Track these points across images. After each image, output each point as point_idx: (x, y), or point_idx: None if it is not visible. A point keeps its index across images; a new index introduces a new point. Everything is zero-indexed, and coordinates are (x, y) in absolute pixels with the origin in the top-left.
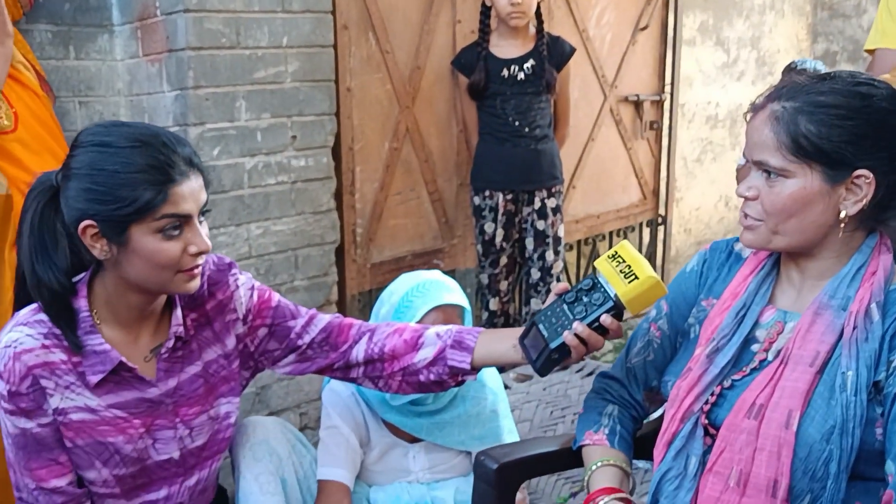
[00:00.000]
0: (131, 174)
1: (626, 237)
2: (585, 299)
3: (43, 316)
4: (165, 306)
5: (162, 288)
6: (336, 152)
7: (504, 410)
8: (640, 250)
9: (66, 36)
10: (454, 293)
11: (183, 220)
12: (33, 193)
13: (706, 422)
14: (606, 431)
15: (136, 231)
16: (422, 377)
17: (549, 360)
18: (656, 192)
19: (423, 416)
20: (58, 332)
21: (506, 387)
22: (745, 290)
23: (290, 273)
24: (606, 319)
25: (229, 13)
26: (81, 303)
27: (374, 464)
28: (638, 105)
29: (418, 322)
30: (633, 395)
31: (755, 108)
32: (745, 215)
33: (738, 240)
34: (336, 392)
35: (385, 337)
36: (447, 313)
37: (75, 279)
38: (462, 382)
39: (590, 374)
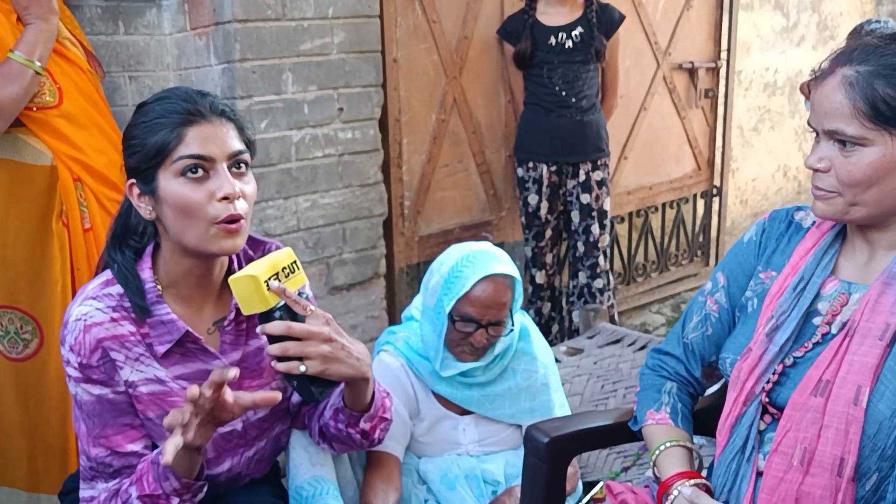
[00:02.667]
0: (153, 120)
1: (679, 209)
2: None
3: (111, 289)
4: (225, 279)
5: (201, 244)
6: (383, 124)
7: (555, 384)
8: (694, 222)
9: (115, 11)
10: (504, 263)
11: (204, 163)
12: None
13: (766, 400)
14: (668, 410)
15: (162, 178)
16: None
17: (302, 385)
18: (711, 163)
19: (473, 388)
20: (126, 304)
21: (556, 360)
22: (805, 262)
23: (338, 246)
24: (274, 326)
25: None
26: (146, 273)
27: (423, 435)
28: (692, 72)
29: (469, 292)
30: (691, 371)
31: (823, 75)
32: (818, 187)
33: (798, 209)
34: (386, 364)
35: None
36: (497, 283)
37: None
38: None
39: (642, 347)
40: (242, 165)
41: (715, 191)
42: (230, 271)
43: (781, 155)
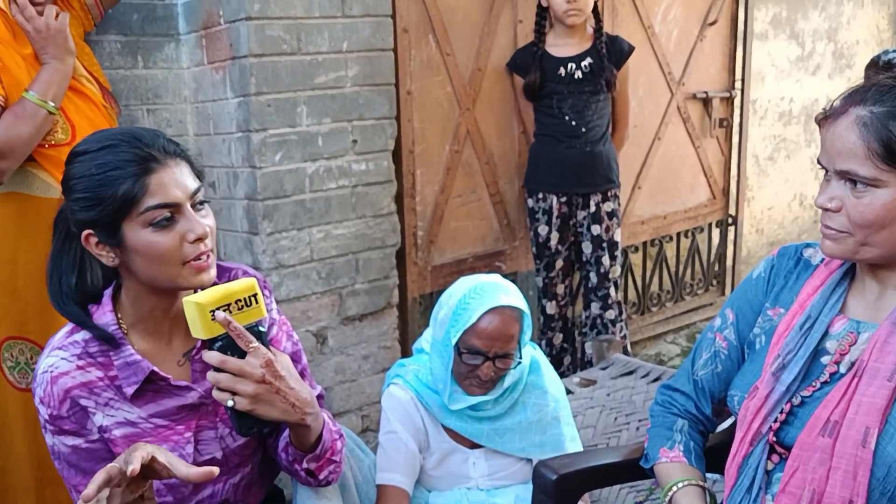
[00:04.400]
0: (107, 172)
1: (694, 238)
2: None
3: (77, 336)
4: None
5: (173, 283)
6: (397, 155)
7: (566, 417)
8: (709, 251)
9: (134, 46)
10: (511, 295)
11: (172, 209)
12: (56, 221)
13: (774, 440)
14: (682, 448)
15: (128, 229)
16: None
17: (233, 417)
18: (726, 192)
19: (483, 422)
20: (92, 349)
21: (568, 392)
22: (812, 300)
23: (350, 276)
24: (209, 356)
25: (290, 20)
26: (108, 317)
27: (433, 469)
28: (707, 102)
29: (475, 324)
30: (701, 409)
31: (835, 113)
32: (828, 227)
33: (807, 245)
34: (395, 397)
35: None
36: (504, 315)
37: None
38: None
39: (655, 379)
40: (203, 202)
41: (730, 220)
42: None
43: (797, 184)
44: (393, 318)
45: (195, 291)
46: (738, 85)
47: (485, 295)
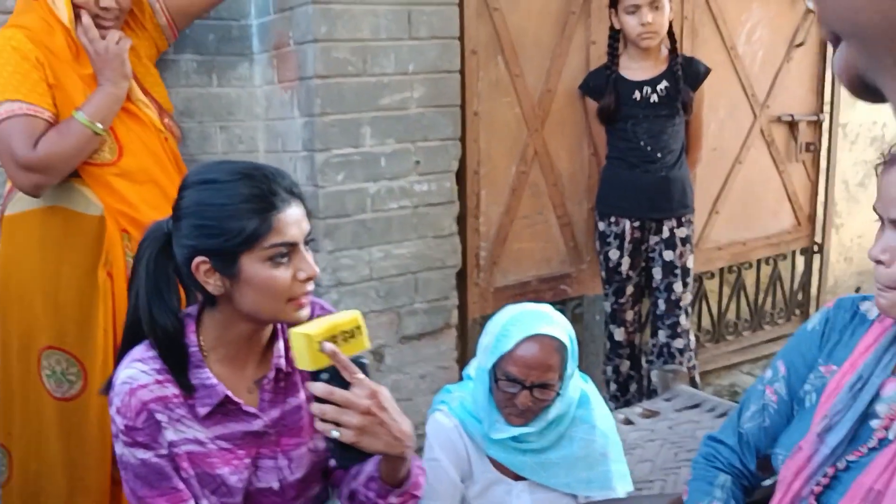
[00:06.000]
0: (237, 205)
1: (776, 265)
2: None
3: (156, 351)
4: (270, 338)
5: (274, 317)
6: (461, 176)
7: (615, 454)
8: (792, 280)
9: (209, 65)
10: (554, 325)
11: (290, 248)
12: (146, 242)
13: None
14: None
15: (247, 261)
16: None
17: (336, 450)
18: (812, 218)
19: (527, 454)
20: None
21: (630, 422)
22: (864, 359)
23: (409, 296)
24: (315, 388)
25: (357, 42)
26: (191, 338)
27: (476, 499)
28: (792, 125)
29: (512, 351)
30: (745, 464)
31: (893, 159)
32: (881, 282)
33: (864, 298)
34: (439, 423)
35: None
36: (543, 344)
37: (183, 312)
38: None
39: (722, 414)
40: (309, 240)
41: (816, 247)
42: (274, 331)
43: None
44: (451, 339)
45: (275, 328)
46: (826, 108)
47: (525, 322)
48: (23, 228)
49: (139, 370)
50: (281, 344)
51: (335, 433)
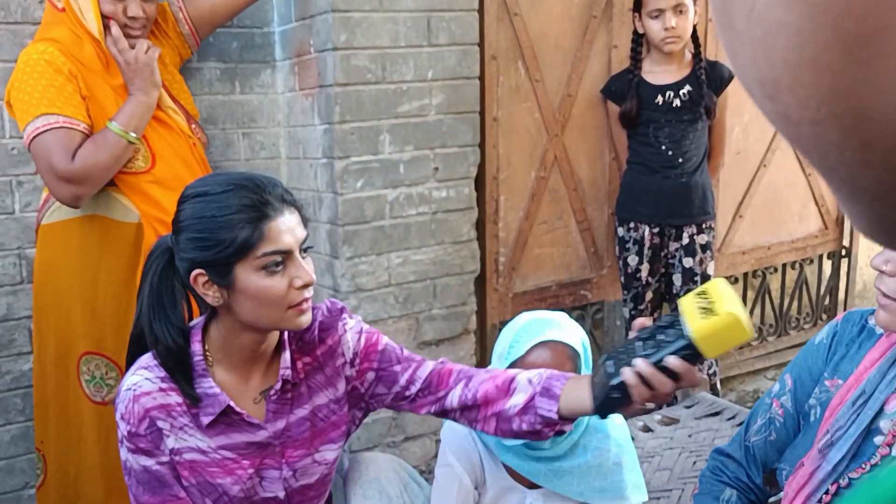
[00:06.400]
0: (228, 216)
1: (802, 270)
2: (660, 336)
3: None
4: (276, 349)
5: (275, 325)
6: (480, 181)
7: (630, 464)
8: (819, 284)
9: (232, 72)
10: (564, 332)
11: (284, 256)
12: (153, 256)
13: None
14: None
15: (241, 271)
16: (514, 425)
17: (609, 398)
18: (840, 222)
19: (540, 462)
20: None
21: (648, 430)
22: (868, 374)
23: (428, 302)
24: (673, 361)
25: (376, 49)
26: (196, 347)
27: None
28: None
29: (523, 357)
30: (752, 478)
31: None
32: (882, 293)
33: (873, 312)
34: (453, 430)
35: (479, 383)
36: (554, 351)
37: (191, 324)
38: (561, 433)
39: (742, 423)
40: (307, 248)
41: (844, 251)
42: (280, 341)
43: None
44: (470, 345)
45: (280, 337)
46: None
47: (537, 329)
48: (61, 237)
49: (143, 377)
50: (287, 354)
51: (650, 405)
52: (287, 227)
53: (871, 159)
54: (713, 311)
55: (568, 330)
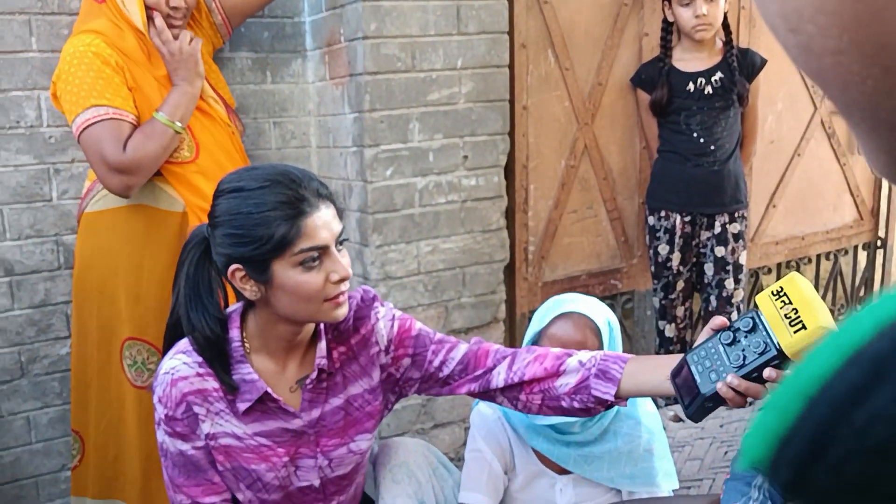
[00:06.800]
0: (264, 213)
1: (837, 260)
2: (744, 342)
3: None
4: (312, 338)
5: (311, 318)
6: (509, 170)
7: (660, 451)
8: (854, 275)
9: (264, 62)
10: (588, 306)
11: (321, 251)
12: (189, 246)
13: None
14: None
15: (278, 267)
16: (564, 403)
17: (703, 408)
18: (875, 212)
19: (571, 447)
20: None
21: (679, 419)
22: None
23: (457, 290)
24: (768, 373)
25: (405, 38)
26: (234, 333)
27: (518, 491)
28: None
29: (546, 328)
30: None
31: None
32: None
33: None
34: (483, 415)
35: (525, 365)
36: (574, 320)
37: (229, 309)
38: (612, 406)
39: None
40: (342, 240)
41: (879, 242)
42: (316, 331)
43: None
44: (499, 333)
45: (317, 328)
46: None
47: (560, 303)
48: (107, 225)
49: (181, 362)
50: (323, 344)
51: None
52: (323, 223)
53: (893, 87)
54: (803, 323)
55: (592, 305)
